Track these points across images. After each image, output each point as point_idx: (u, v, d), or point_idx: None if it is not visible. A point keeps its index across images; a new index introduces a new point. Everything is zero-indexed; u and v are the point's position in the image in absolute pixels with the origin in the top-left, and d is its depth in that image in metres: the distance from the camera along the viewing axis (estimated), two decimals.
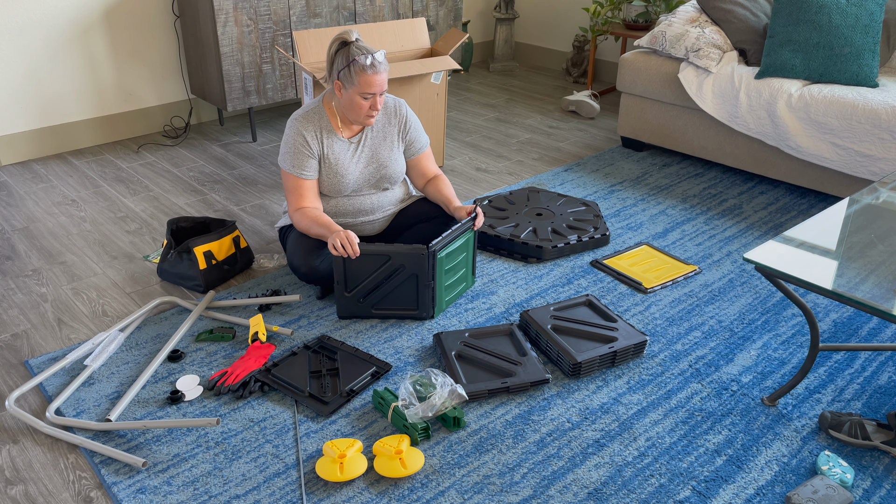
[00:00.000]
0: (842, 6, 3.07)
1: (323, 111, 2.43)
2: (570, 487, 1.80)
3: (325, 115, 2.43)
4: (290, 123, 2.42)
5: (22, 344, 2.32)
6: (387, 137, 2.51)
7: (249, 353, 2.22)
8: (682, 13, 3.56)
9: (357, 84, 2.29)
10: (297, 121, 2.41)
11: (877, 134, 2.87)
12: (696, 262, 2.78)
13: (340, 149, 2.43)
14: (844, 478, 1.78)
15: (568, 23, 5.18)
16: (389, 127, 2.51)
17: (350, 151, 2.45)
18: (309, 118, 2.41)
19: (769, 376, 2.18)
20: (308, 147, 2.39)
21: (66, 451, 1.90)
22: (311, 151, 2.39)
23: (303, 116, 2.41)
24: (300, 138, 2.39)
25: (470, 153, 3.82)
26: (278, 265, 2.75)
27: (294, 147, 2.39)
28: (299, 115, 2.42)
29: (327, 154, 2.42)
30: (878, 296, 1.74)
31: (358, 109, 2.34)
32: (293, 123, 2.41)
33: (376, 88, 2.30)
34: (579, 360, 2.13)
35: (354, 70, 2.27)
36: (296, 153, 2.39)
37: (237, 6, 3.55)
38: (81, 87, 3.73)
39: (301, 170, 2.39)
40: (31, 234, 2.97)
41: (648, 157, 3.73)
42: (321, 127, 2.41)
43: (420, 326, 2.38)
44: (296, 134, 2.39)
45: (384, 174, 2.51)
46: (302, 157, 2.39)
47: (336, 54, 2.33)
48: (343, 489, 1.78)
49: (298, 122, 2.40)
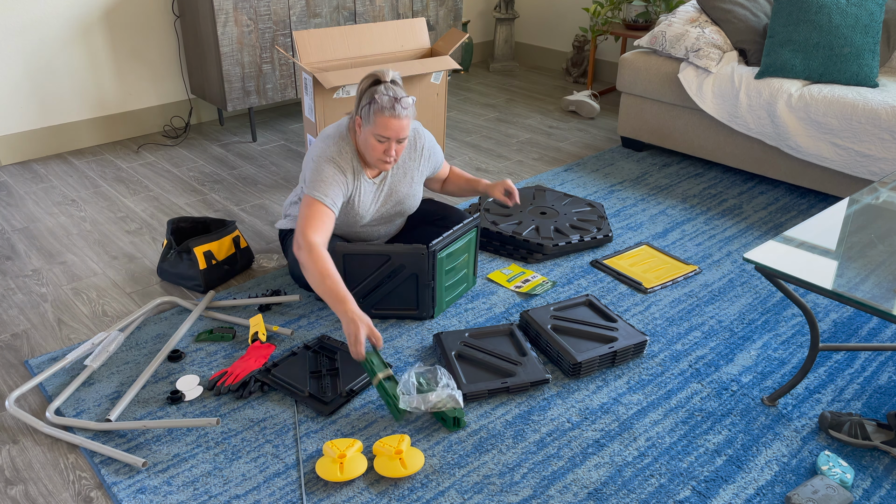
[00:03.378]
0: (842, 6, 3.07)
1: (354, 151, 2.31)
2: (570, 487, 1.80)
3: (357, 155, 2.32)
4: (322, 160, 2.27)
5: (22, 344, 2.32)
6: (407, 173, 2.43)
7: (249, 353, 2.22)
8: (682, 13, 3.56)
9: (373, 124, 2.19)
10: (332, 160, 2.27)
11: (877, 134, 2.87)
12: (696, 262, 2.78)
13: (366, 190, 2.35)
14: (844, 478, 1.78)
15: (568, 23, 5.18)
16: (410, 162, 2.43)
17: (373, 192, 2.38)
18: (344, 158, 2.28)
19: (769, 376, 2.18)
20: (342, 182, 2.27)
21: (66, 451, 1.90)
22: (344, 191, 2.29)
23: (338, 154, 2.28)
24: (338, 174, 2.26)
25: (470, 153, 3.82)
26: (278, 265, 2.75)
27: (327, 177, 2.24)
28: (334, 154, 2.27)
29: (354, 195, 2.33)
30: (878, 296, 1.74)
31: (372, 151, 2.23)
32: (328, 162, 2.26)
33: (391, 133, 2.19)
34: (579, 360, 2.13)
35: (374, 109, 2.18)
36: (327, 183, 2.24)
37: (237, 6, 3.55)
38: (81, 87, 3.73)
39: (326, 198, 2.23)
40: (31, 234, 2.97)
41: (648, 157, 3.73)
42: (354, 168, 2.30)
43: (420, 326, 2.38)
44: (333, 168, 2.26)
45: (400, 210, 2.46)
46: (332, 189, 2.24)
47: (366, 90, 2.23)
48: (343, 489, 1.78)
49: (335, 160, 2.27)
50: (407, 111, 2.19)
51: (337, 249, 2.27)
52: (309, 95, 3.17)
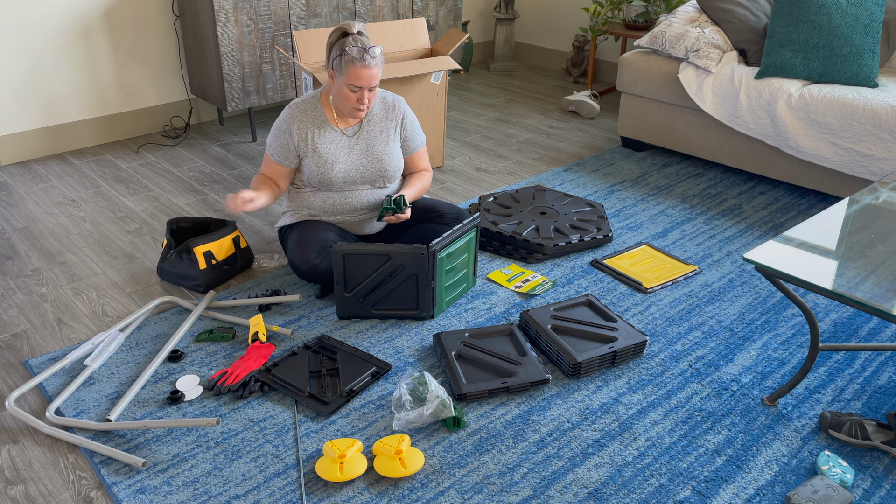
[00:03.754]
0: (842, 6, 3.07)
1: (319, 102, 2.48)
2: (570, 487, 1.80)
3: (321, 106, 2.47)
4: (285, 109, 2.49)
5: (22, 344, 2.32)
6: (383, 132, 2.53)
7: (249, 353, 2.22)
8: (682, 13, 3.56)
9: (346, 75, 2.32)
10: (290, 108, 2.47)
11: (877, 134, 2.87)
12: (696, 262, 2.78)
13: (332, 139, 2.47)
14: (844, 478, 1.78)
15: (568, 23, 5.18)
16: (386, 122, 2.54)
17: (343, 142, 2.48)
18: (303, 108, 2.46)
19: (769, 376, 2.18)
20: (291, 138, 2.45)
21: (66, 451, 1.90)
22: (291, 142, 2.45)
23: (297, 106, 2.47)
24: (285, 125, 2.46)
25: (470, 153, 3.82)
26: (278, 265, 2.75)
27: (278, 131, 2.47)
28: (294, 104, 2.48)
29: (318, 144, 2.46)
30: (878, 296, 1.74)
31: (345, 100, 2.37)
32: (287, 110, 2.48)
33: (363, 82, 2.32)
34: (579, 360, 2.13)
35: (345, 60, 2.30)
36: (277, 136, 2.48)
37: (237, 6, 3.55)
38: (81, 87, 3.73)
39: (273, 151, 2.48)
40: (31, 234, 2.97)
41: (648, 157, 3.73)
42: (312, 118, 2.46)
43: (420, 326, 2.38)
44: (284, 120, 2.46)
45: (380, 168, 2.52)
46: (280, 142, 2.47)
47: (335, 43, 2.36)
48: (343, 489, 1.78)
49: (291, 111, 2.47)
50: (376, 60, 2.33)
51: (336, 249, 2.27)
52: None
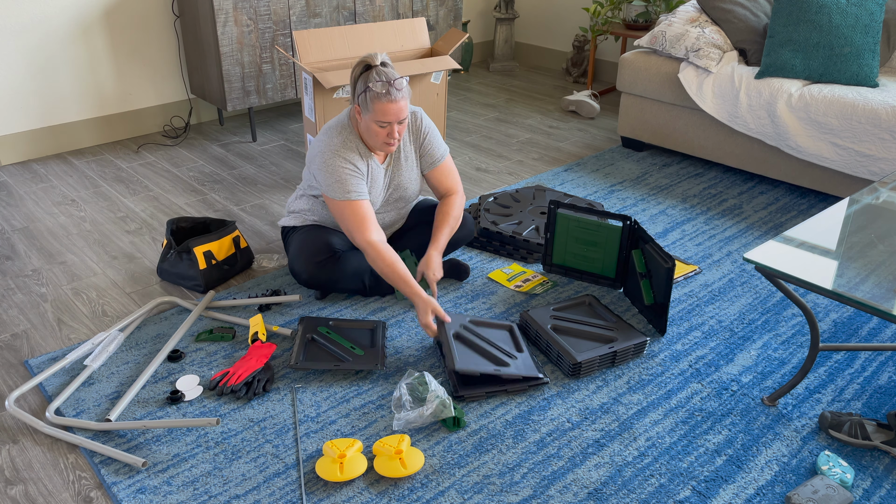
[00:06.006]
0: (842, 6, 3.07)
1: (356, 135, 2.32)
2: (570, 487, 1.80)
3: (359, 139, 2.32)
4: (328, 155, 2.27)
5: (22, 344, 2.32)
6: (408, 157, 2.43)
7: (251, 353, 2.22)
8: (682, 13, 3.56)
9: (373, 111, 2.20)
10: (337, 154, 2.27)
11: (877, 134, 2.87)
12: (696, 262, 2.78)
13: (377, 174, 2.36)
14: (844, 478, 1.78)
15: (568, 23, 5.18)
16: (408, 144, 2.43)
17: (382, 176, 2.39)
18: (348, 146, 2.29)
19: (769, 376, 2.18)
20: (357, 170, 2.28)
21: (66, 451, 1.90)
22: (360, 173, 2.29)
23: (342, 146, 2.28)
24: (349, 165, 2.27)
25: (470, 153, 3.82)
26: (278, 265, 2.75)
27: (343, 173, 2.26)
28: (338, 146, 2.28)
29: (368, 181, 2.34)
30: (878, 296, 1.74)
31: (375, 137, 2.25)
32: (335, 156, 2.26)
33: (391, 117, 2.20)
34: (579, 360, 2.13)
35: (370, 97, 2.19)
36: (348, 177, 2.26)
37: (237, 6, 3.55)
38: (81, 87, 3.73)
39: (359, 192, 2.27)
40: (30, 234, 2.97)
41: (648, 157, 3.73)
42: (361, 152, 2.31)
43: (420, 326, 2.38)
44: (342, 163, 2.26)
45: (401, 195, 2.47)
46: (354, 180, 2.27)
47: (358, 78, 2.24)
48: (343, 489, 1.78)
49: (340, 153, 2.27)
50: (402, 92, 2.21)
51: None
52: (309, 95, 3.17)
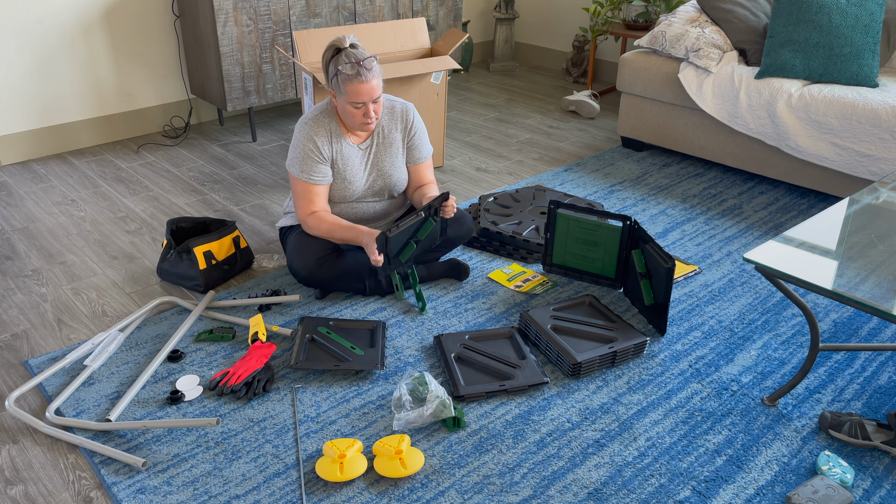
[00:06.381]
0: (842, 6, 3.07)
1: (332, 115, 2.38)
2: (570, 487, 1.80)
3: (335, 118, 2.38)
4: (299, 127, 2.36)
5: (22, 344, 2.32)
6: (392, 144, 2.45)
7: (251, 353, 2.22)
8: (682, 13, 3.56)
9: (345, 93, 2.24)
10: (306, 125, 2.35)
11: (877, 134, 2.87)
12: (696, 262, 2.78)
13: (350, 154, 2.39)
14: (844, 478, 1.78)
15: (568, 23, 5.18)
16: (395, 133, 2.46)
17: (359, 157, 2.41)
18: (319, 122, 2.35)
19: (769, 376, 2.18)
20: (318, 152, 2.34)
21: (66, 451, 1.90)
22: (321, 156, 2.34)
23: (313, 120, 2.35)
24: (310, 143, 2.33)
25: (470, 153, 3.82)
26: (278, 265, 2.75)
27: (304, 152, 2.34)
28: (309, 119, 2.36)
29: (337, 159, 2.37)
30: (878, 296, 1.74)
31: (352, 118, 2.30)
32: (303, 127, 2.35)
33: (364, 97, 2.24)
34: (579, 360, 2.13)
35: (341, 79, 2.23)
36: (305, 158, 2.34)
37: (237, 6, 3.55)
38: (81, 87, 3.73)
39: (310, 174, 2.34)
40: (30, 234, 2.97)
41: (648, 157, 3.73)
42: (331, 131, 2.35)
43: (420, 327, 2.38)
44: (306, 138, 2.33)
45: (386, 183, 2.47)
46: (312, 162, 2.34)
47: (329, 62, 2.28)
48: (343, 489, 1.78)
49: (308, 126, 2.34)
50: (372, 72, 2.23)
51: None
52: (309, 95, 3.17)
